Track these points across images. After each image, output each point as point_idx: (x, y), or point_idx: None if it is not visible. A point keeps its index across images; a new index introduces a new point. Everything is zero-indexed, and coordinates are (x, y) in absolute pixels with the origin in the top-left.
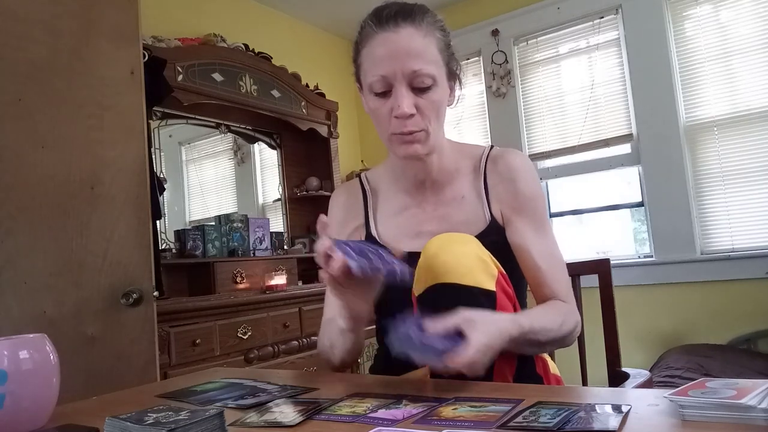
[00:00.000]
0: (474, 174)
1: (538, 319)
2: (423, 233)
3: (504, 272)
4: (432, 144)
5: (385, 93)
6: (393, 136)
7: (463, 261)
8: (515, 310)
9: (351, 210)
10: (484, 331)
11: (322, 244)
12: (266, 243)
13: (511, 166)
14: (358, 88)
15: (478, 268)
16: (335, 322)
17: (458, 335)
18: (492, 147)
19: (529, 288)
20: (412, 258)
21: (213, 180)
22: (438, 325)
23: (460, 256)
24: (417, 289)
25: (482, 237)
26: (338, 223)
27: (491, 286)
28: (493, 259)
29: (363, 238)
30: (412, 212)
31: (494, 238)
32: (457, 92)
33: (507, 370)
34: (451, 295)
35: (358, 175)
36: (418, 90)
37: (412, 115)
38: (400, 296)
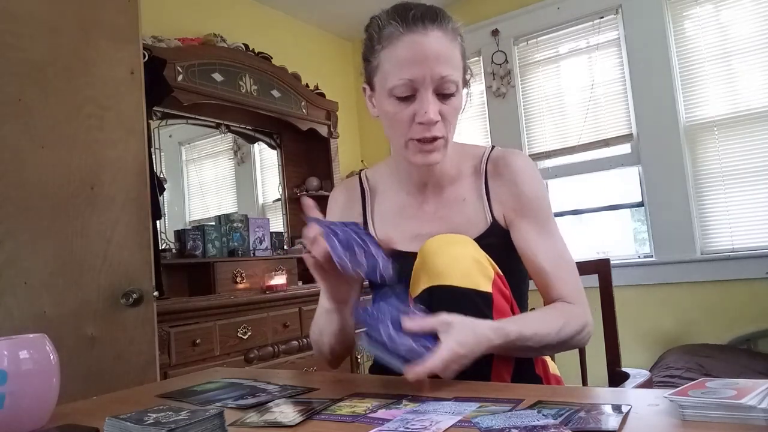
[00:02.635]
0: (475, 176)
1: (531, 324)
2: (422, 235)
3: (501, 273)
4: (446, 150)
5: (408, 97)
6: (411, 143)
7: (459, 263)
8: (513, 311)
9: (350, 210)
10: (459, 338)
11: (311, 230)
12: (266, 243)
13: (511, 168)
14: (364, 88)
15: (475, 269)
16: (322, 307)
17: (435, 338)
18: (493, 147)
19: (537, 290)
20: (409, 259)
21: (213, 180)
22: (414, 323)
23: (456, 258)
24: (413, 291)
25: (483, 239)
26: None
27: (488, 287)
28: (490, 260)
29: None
30: (412, 213)
31: (495, 240)
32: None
33: (504, 371)
34: (447, 297)
35: (359, 173)
36: (442, 96)
37: (436, 122)
38: None
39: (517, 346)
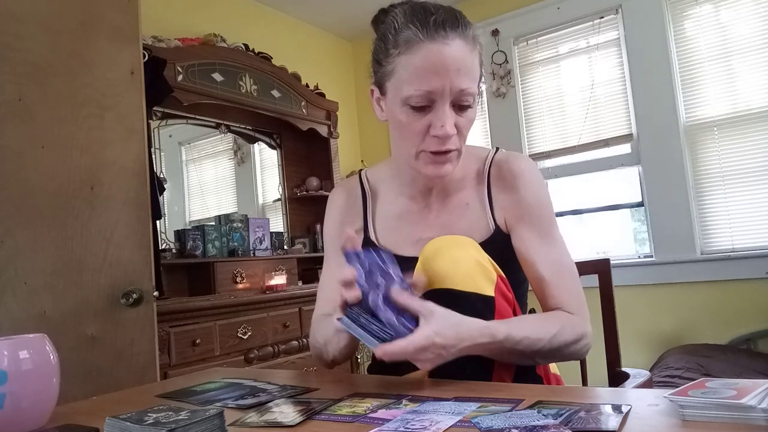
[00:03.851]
0: (478, 180)
1: (523, 327)
2: (424, 240)
3: (503, 276)
4: (458, 162)
5: (423, 108)
6: (423, 154)
7: (461, 266)
8: (515, 314)
9: (350, 212)
10: (438, 328)
11: (349, 276)
12: (266, 243)
13: (514, 173)
14: (372, 91)
15: (477, 273)
16: (330, 321)
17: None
18: (497, 150)
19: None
20: (411, 264)
21: (213, 180)
22: (402, 297)
23: (457, 261)
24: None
25: (486, 246)
26: (337, 225)
27: (490, 291)
28: (493, 262)
29: (361, 243)
30: (414, 218)
31: (498, 247)
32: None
33: (505, 372)
34: (449, 301)
35: (359, 173)
36: (458, 108)
37: (452, 135)
38: None
39: (506, 348)
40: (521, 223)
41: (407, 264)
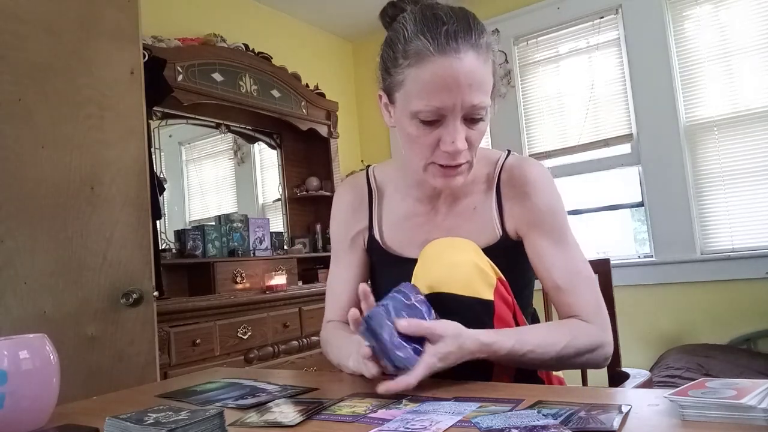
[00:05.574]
0: (487, 184)
1: (529, 339)
2: (429, 242)
3: (503, 279)
4: (469, 173)
5: (433, 122)
6: (432, 166)
7: (459, 270)
8: (516, 317)
9: (356, 212)
10: (442, 354)
11: (364, 351)
12: (266, 243)
13: (525, 180)
14: (380, 96)
15: (476, 277)
16: (341, 343)
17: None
18: (509, 154)
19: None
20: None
21: (213, 180)
22: (410, 326)
23: (456, 265)
24: None
25: (491, 251)
26: (343, 225)
27: (489, 295)
28: (493, 265)
29: (366, 241)
30: (421, 220)
31: (504, 253)
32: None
33: (504, 374)
34: (448, 306)
35: (366, 169)
36: (470, 121)
37: (462, 150)
38: None
39: (512, 359)
40: (534, 231)
41: (413, 266)
